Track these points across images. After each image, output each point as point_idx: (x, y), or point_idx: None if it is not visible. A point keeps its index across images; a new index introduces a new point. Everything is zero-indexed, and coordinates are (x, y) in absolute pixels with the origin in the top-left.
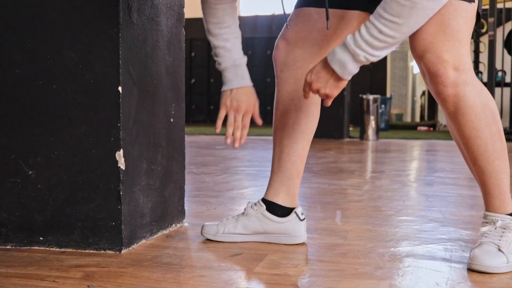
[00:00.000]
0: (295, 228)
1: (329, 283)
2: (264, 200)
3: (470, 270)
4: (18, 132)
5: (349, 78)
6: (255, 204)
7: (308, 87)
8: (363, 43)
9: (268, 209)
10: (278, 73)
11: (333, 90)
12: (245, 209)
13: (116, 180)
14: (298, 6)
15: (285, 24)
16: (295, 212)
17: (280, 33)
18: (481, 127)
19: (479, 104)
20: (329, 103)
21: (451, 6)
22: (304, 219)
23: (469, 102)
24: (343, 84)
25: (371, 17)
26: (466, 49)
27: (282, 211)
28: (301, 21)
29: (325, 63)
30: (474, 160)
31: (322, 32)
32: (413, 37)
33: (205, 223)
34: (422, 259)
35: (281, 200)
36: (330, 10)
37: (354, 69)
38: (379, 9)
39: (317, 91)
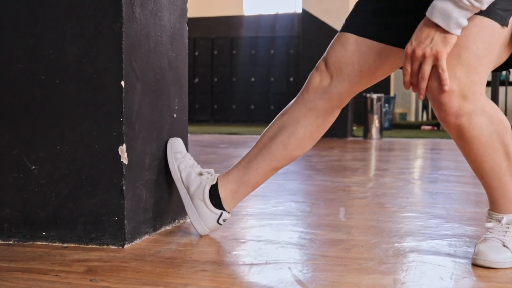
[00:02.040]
0: (209, 222)
1: (333, 278)
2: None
3: (475, 265)
4: (21, 127)
5: (458, 31)
6: (211, 175)
7: (409, 61)
8: None
9: (210, 189)
10: (304, 92)
11: (441, 46)
12: (203, 169)
13: (119, 175)
14: (341, 30)
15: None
16: (222, 213)
17: (324, 54)
18: (487, 152)
19: (486, 133)
20: (443, 64)
21: (473, 27)
22: (221, 224)
23: (474, 132)
24: (452, 39)
25: None
26: (481, 76)
27: (216, 202)
28: (339, 49)
29: (425, 22)
30: (480, 176)
31: (356, 67)
32: None
33: (177, 139)
34: (426, 255)
35: (224, 193)
36: (368, 42)
37: (459, 17)
38: None
39: (423, 56)
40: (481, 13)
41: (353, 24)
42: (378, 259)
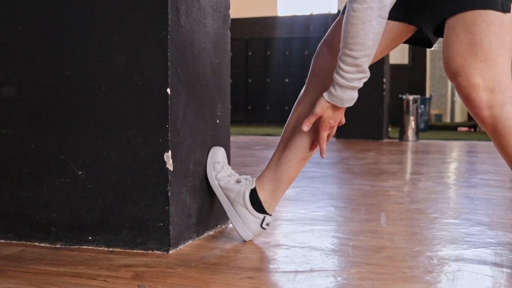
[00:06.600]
0: (253, 227)
1: (379, 287)
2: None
3: None
4: (68, 133)
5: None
6: (249, 180)
7: (328, 131)
8: (346, 74)
9: (250, 194)
10: (311, 76)
11: (343, 117)
12: (240, 176)
13: (164, 181)
14: (342, 12)
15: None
16: (265, 217)
17: (324, 37)
18: None
19: None
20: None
21: (482, 23)
22: (264, 229)
23: (509, 123)
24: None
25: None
26: (503, 67)
27: (257, 206)
28: (341, 30)
29: (329, 106)
30: None
31: None
32: (445, 58)
33: (220, 148)
34: (472, 263)
35: (263, 195)
36: None
37: (353, 96)
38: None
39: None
40: (483, 6)
41: None
42: (423, 268)
